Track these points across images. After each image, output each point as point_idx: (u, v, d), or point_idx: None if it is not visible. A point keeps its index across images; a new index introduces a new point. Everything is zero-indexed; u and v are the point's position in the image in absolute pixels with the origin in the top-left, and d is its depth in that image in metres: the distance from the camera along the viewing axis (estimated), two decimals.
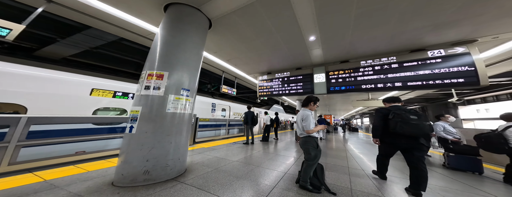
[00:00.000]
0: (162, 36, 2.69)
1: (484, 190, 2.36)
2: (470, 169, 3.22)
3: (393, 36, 3.63)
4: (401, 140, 2.20)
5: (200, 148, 4.49)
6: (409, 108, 2.35)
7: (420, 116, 2.18)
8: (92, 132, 3.42)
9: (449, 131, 3.74)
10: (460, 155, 3.36)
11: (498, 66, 4.84)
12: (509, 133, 2.68)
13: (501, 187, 2.49)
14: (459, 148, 3.45)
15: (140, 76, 2.49)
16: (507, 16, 2.86)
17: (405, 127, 2.12)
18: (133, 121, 2.18)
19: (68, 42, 5.77)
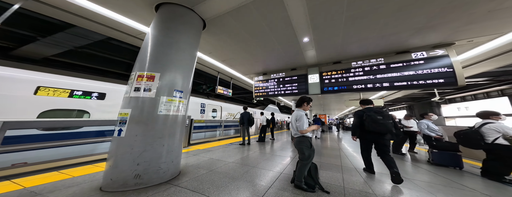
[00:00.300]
0: (153, 36, 2.63)
1: (463, 184, 2.52)
2: (451, 165, 3.43)
3: (381, 38, 3.80)
4: (373, 136, 2.71)
5: (195, 149, 4.41)
6: (377, 109, 2.79)
7: (384, 116, 2.67)
8: (36, 138, 2.85)
9: (432, 129, 3.97)
10: (442, 151, 3.57)
11: (474, 67, 5.22)
12: (485, 129, 2.89)
13: (479, 181, 2.68)
14: (441, 145, 3.67)
15: (130, 77, 2.41)
16: (478, 22, 3.10)
17: (374, 125, 2.63)
18: (122, 124, 2.11)
19: (49, 41, 5.46)
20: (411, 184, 2.40)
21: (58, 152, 3.04)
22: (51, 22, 4.62)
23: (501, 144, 2.72)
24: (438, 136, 3.81)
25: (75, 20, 3.39)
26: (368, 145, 2.85)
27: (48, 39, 5.36)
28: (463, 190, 2.29)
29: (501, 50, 4.02)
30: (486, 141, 2.86)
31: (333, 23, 3.29)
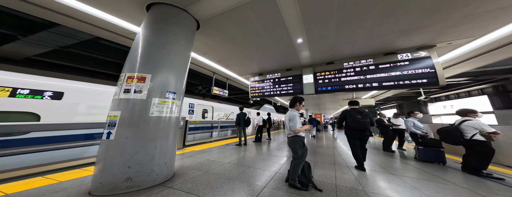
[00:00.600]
0: (144, 36, 2.58)
1: (445, 178, 2.67)
2: (435, 160, 3.62)
3: (369, 40, 3.96)
4: (355, 132, 3.12)
5: (191, 151, 4.36)
6: (359, 109, 3.19)
7: (363, 115, 3.12)
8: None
9: (418, 127, 4.17)
10: (427, 148, 3.76)
11: (454, 68, 5.55)
12: (464, 126, 3.08)
13: (460, 175, 2.85)
14: (426, 142, 3.86)
15: (119, 79, 2.35)
16: (455, 26, 3.32)
17: (354, 123, 3.07)
18: (110, 127, 2.07)
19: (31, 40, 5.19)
20: (399, 180, 2.52)
21: (36, 157, 2.87)
22: (32, 20, 4.40)
23: (478, 140, 2.91)
24: (423, 133, 4.02)
25: (58, 18, 3.24)
26: (355, 142, 3.12)
27: (29, 38, 5.09)
28: (445, 184, 2.43)
29: (478, 52, 4.31)
30: (465, 137, 3.04)
31: (325, 25, 3.39)
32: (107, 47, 5.89)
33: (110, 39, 4.14)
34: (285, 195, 1.93)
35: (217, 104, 9.16)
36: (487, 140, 2.88)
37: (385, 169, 3.11)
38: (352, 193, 2.02)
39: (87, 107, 4.06)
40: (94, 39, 5.31)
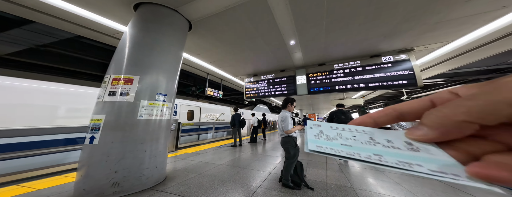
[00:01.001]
0: (132, 36, 2.50)
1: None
2: None
3: (356, 43, 4.16)
4: None
5: (184, 153, 4.28)
6: (344, 110, 3.63)
7: (346, 116, 3.70)
8: None
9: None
10: None
11: (431, 70, 6.01)
12: None
13: None
14: None
15: (103, 80, 2.26)
16: (430, 31, 3.61)
17: (336, 121, 3.59)
18: (94, 131, 1.99)
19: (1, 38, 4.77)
20: (384, 177, 2.67)
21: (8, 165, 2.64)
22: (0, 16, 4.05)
23: None
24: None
25: (32, 15, 3.01)
26: None
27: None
28: (424, 179, 2.62)
29: (450, 55, 4.71)
30: None
31: (316, 27, 3.50)
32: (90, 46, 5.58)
33: (93, 38, 3.93)
34: (278, 194, 1.97)
35: (206, 104, 8.56)
36: None
37: (373, 166, 3.28)
38: (342, 190, 2.11)
39: None
40: (75, 37, 5.01)
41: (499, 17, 3.12)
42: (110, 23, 3.28)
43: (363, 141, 0.20)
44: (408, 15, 3.09)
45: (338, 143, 0.21)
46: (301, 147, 3.20)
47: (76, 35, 3.87)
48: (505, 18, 3.11)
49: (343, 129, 0.23)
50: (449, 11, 2.97)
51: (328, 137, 0.22)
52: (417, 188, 2.24)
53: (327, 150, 0.20)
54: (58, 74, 6.82)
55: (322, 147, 0.20)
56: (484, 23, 3.32)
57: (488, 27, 3.41)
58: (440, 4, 2.81)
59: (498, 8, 2.88)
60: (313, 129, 0.24)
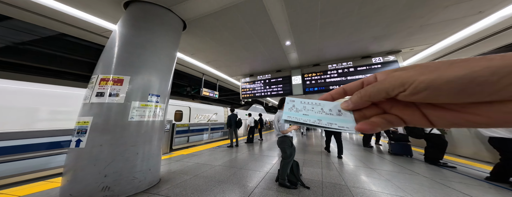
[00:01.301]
0: (122, 35, 2.41)
1: (412, 169, 3.03)
2: (404, 153, 4.07)
3: (349, 44, 4.30)
4: None
5: (179, 155, 4.18)
6: None
7: None
8: None
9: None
10: (397, 142, 4.21)
11: None
12: None
13: (423, 166, 3.25)
14: (396, 137, 4.32)
15: (90, 81, 2.17)
16: (415, 34, 3.82)
17: None
18: (80, 134, 1.90)
19: None
20: (376, 174, 2.77)
21: None
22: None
23: (435, 134, 3.37)
24: (394, 129, 4.48)
25: (8, 11, 2.80)
26: (329, 135, 4.46)
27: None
28: (412, 175, 2.75)
29: (434, 57, 5.00)
30: (425, 131, 3.49)
31: (310, 28, 3.58)
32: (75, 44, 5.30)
33: (79, 36, 3.73)
34: (275, 194, 1.98)
35: (197, 104, 8.12)
36: (441, 133, 3.34)
37: (364, 163, 3.40)
38: (336, 189, 2.16)
39: None
40: (58, 35, 4.73)
41: (476, 22, 3.36)
42: (97, 21, 3.14)
43: (316, 111, 0.29)
44: (395, 18, 3.25)
45: (301, 113, 0.29)
46: (298, 146, 3.25)
47: (60, 33, 3.66)
48: (481, 22, 3.35)
49: (307, 103, 0.31)
50: (431, 16, 3.16)
51: (297, 109, 0.30)
52: (406, 184, 2.35)
53: (294, 119, 0.28)
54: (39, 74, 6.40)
55: (291, 117, 0.29)
56: (463, 27, 3.56)
57: (467, 31, 3.65)
58: (423, 9, 2.98)
59: (475, 13, 3.10)
60: (289, 104, 0.31)
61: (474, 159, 3.73)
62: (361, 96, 0.24)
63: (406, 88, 0.20)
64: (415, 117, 0.23)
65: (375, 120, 0.24)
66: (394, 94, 0.21)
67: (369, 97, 0.23)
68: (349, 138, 7.77)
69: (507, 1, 2.77)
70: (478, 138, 3.69)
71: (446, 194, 2.02)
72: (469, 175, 2.72)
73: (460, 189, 2.17)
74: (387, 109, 0.25)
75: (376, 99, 0.23)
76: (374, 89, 0.23)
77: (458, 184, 2.33)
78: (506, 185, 2.26)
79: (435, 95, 0.18)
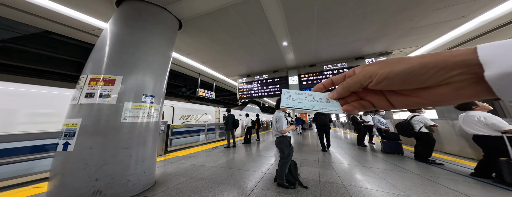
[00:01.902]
0: (114, 34, 2.32)
1: (404, 167, 3.12)
2: (396, 151, 4.20)
3: (343, 45, 4.41)
4: (320, 126, 4.76)
5: (174, 157, 4.06)
6: None
7: (324, 115, 4.85)
8: None
9: (382, 122, 4.79)
10: (389, 141, 4.34)
11: None
12: (414, 121, 3.66)
13: (413, 163, 3.37)
14: (388, 135, 4.46)
15: (78, 81, 2.08)
16: (404, 37, 4.01)
17: (318, 120, 4.85)
18: (68, 137, 1.82)
19: None
20: (371, 172, 2.83)
21: None
22: None
23: (423, 132, 3.51)
24: (386, 128, 4.63)
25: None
26: (321, 132, 4.77)
27: None
28: (404, 172, 2.84)
29: None
30: (414, 130, 3.62)
31: (307, 29, 3.64)
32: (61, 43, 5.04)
33: (66, 34, 3.56)
34: (273, 194, 1.97)
35: (183, 103, 7.46)
36: (429, 132, 3.49)
37: (359, 162, 3.47)
38: (333, 188, 2.19)
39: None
40: (42, 33, 4.49)
41: (460, 25, 3.56)
42: (87, 19, 3.01)
43: (309, 100, 0.35)
44: (387, 21, 3.37)
45: (297, 102, 0.35)
46: (294, 146, 3.28)
47: (45, 30, 3.47)
48: (464, 26, 3.56)
49: (301, 94, 0.37)
50: (420, 19, 3.31)
51: (293, 99, 0.36)
52: (399, 181, 2.42)
53: (291, 106, 0.35)
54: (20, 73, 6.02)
55: (289, 105, 0.36)
56: (448, 30, 3.76)
57: (451, 34, 3.87)
58: (412, 12, 3.11)
59: (459, 17, 3.29)
60: (285, 94, 0.37)
61: (460, 156, 3.92)
62: (344, 87, 0.31)
63: (372, 80, 0.27)
64: (381, 102, 0.30)
65: (354, 104, 0.32)
66: (366, 85, 0.28)
67: (349, 88, 0.30)
68: (344, 138, 7.94)
69: (487, 7, 2.96)
70: (462, 136, 3.88)
71: (435, 190, 2.10)
72: (456, 171, 2.85)
73: (448, 185, 2.27)
74: (362, 96, 0.32)
75: (354, 88, 0.30)
76: (352, 81, 0.29)
77: (446, 181, 2.43)
78: (489, 181, 2.39)
79: (390, 84, 0.25)
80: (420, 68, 0.22)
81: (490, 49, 0.19)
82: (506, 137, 2.37)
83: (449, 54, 0.21)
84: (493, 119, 2.41)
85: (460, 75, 0.20)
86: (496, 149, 2.41)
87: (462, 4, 2.90)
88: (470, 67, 0.20)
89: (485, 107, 2.60)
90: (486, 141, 2.50)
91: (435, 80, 0.22)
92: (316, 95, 0.35)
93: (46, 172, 2.73)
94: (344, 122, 14.59)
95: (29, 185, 2.31)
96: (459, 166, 3.18)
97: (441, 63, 0.21)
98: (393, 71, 0.24)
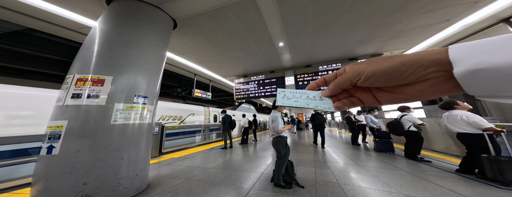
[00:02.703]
0: (104, 33, 2.24)
1: (395, 165, 3.23)
2: (387, 150, 4.34)
3: (337, 47, 4.51)
4: (316, 125, 5.31)
5: (169, 158, 3.97)
6: (319, 112, 4.95)
7: (321, 115, 5.33)
8: None
9: (374, 122, 4.93)
10: (381, 139, 4.47)
11: None
12: (403, 120, 3.80)
13: (404, 161, 3.49)
14: (380, 134, 4.59)
15: (64, 81, 1.99)
16: (395, 39, 4.17)
17: (315, 120, 5.35)
18: (53, 140, 1.74)
19: None
20: (364, 171, 2.90)
21: None
22: None
23: (412, 131, 3.65)
24: (378, 127, 4.76)
25: None
26: (316, 131, 5.31)
27: None
28: (395, 170, 2.93)
29: None
30: (404, 128, 3.76)
31: (303, 30, 3.69)
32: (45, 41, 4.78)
33: (51, 32, 3.39)
34: (270, 195, 1.96)
35: (166, 102, 6.98)
36: (418, 130, 3.63)
37: (353, 161, 3.55)
38: (329, 187, 2.22)
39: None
40: (24, 30, 4.23)
41: (444, 29, 3.75)
42: (74, 16, 2.88)
43: (303, 98, 0.37)
44: (378, 23, 3.49)
45: (292, 100, 0.37)
46: (290, 146, 3.30)
47: (27, 28, 3.28)
48: (448, 29, 3.75)
49: (296, 93, 0.39)
50: (408, 21, 3.45)
51: (288, 97, 0.38)
52: (391, 179, 2.49)
53: (287, 104, 0.37)
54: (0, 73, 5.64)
55: (285, 103, 0.37)
56: (434, 33, 3.95)
57: (436, 37, 4.06)
58: (402, 15, 3.24)
59: (443, 21, 3.47)
60: (281, 93, 0.39)
61: (446, 153, 4.11)
62: (335, 85, 0.33)
63: (361, 77, 0.28)
64: (369, 98, 0.32)
65: (345, 101, 0.33)
66: (355, 82, 0.30)
67: (340, 86, 0.32)
68: (339, 137, 8.09)
69: (468, 11, 3.14)
70: (448, 134, 4.08)
71: (424, 187, 2.18)
72: (442, 168, 2.98)
73: (436, 181, 2.36)
74: (352, 93, 0.34)
75: (345, 86, 0.32)
76: (342, 79, 0.31)
77: (434, 177, 2.53)
78: (472, 176, 2.52)
79: (376, 81, 0.27)
80: (402, 66, 0.24)
81: (459, 49, 0.21)
82: (487, 135, 2.51)
83: (426, 54, 0.23)
84: (474, 117, 2.55)
85: (435, 72, 0.23)
86: (478, 146, 2.54)
87: (446, 9, 3.06)
88: (443, 65, 0.22)
89: (465, 106, 2.74)
90: (469, 139, 2.62)
91: (415, 76, 0.24)
92: (310, 94, 0.37)
93: (29, 177, 2.56)
94: (339, 122, 14.88)
95: (10, 191, 2.16)
96: (445, 162, 3.33)
97: (419, 61, 0.23)
98: (379, 69, 0.26)
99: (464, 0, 2.85)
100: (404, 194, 1.97)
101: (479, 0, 2.85)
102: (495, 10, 3.01)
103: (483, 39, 0.20)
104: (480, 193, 1.95)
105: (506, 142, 2.57)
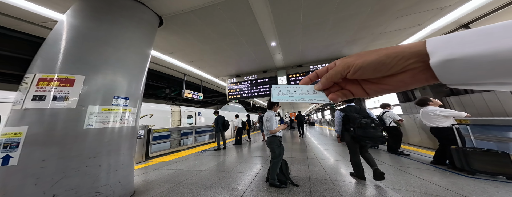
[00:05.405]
0: (74, 27, 2.01)
1: (380, 159, 3.41)
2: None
3: (326, 47, 4.67)
4: (299, 121, 7.21)
5: (157, 163, 3.71)
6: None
7: (302, 116, 7.20)
8: None
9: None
10: None
11: None
12: (385, 116, 4.07)
13: (387, 156, 3.71)
14: None
15: (22, 81, 1.75)
16: (377, 40, 4.46)
17: (298, 119, 7.69)
18: (10, 149, 1.51)
19: None
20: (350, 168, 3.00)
21: None
22: None
23: (393, 126, 3.92)
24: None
25: None
26: (298, 125, 5.71)
27: None
28: (379, 164, 3.04)
29: None
30: (386, 124, 4.02)
31: (294, 30, 3.73)
32: (3, 36, 4.12)
33: (8, 26, 2.94)
34: (266, 195, 1.92)
35: None
36: (397, 126, 3.91)
37: (343, 157, 3.67)
38: (322, 184, 2.24)
39: None
40: None
41: (416, 33, 4.12)
42: (36, 8, 2.53)
43: (298, 93, 0.38)
44: (362, 25, 3.69)
45: (287, 96, 0.38)
46: (285, 145, 3.30)
47: None
48: (419, 33, 4.12)
49: (290, 88, 0.39)
50: (387, 25, 3.72)
51: (283, 93, 0.38)
52: None
53: (282, 100, 0.38)
54: None
55: (280, 99, 0.38)
56: (407, 37, 4.31)
57: (410, 40, 4.44)
58: (381, 18, 3.47)
59: (416, 25, 3.80)
60: (275, 90, 0.39)
61: (421, 146, 4.49)
62: (327, 78, 0.34)
63: (350, 70, 0.30)
64: (358, 90, 0.34)
65: (337, 93, 0.35)
66: (345, 75, 0.32)
67: (332, 79, 0.34)
68: (329, 134, 8.37)
69: (436, 16, 3.48)
70: (422, 128, 4.47)
71: (406, 179, 2.33)
72: (419, 160, 3.23)
73: (415, 173, 2.53)
74: (343, 86, 0.36)
75: (336, 79, 0.33)
76: (333, 73, 0.33)
77: (413, 169, 2.72)
78: (444, 167, 2.76)
79: (363, 73, 0.30)
80: (386, 58, 0.27)
81: (434, 41, 0.23)
82: (455, 128, 2.79)
83: (407, 46, 0.26)
84: (446, 111, 2.83)
85: (415, 63, 0.25)
86: (447, 139, 2.81)
87: (418, 14, 3.36)
88: (421, 56, 0.24)
89: (437, 102, 3.03)
90: (440, 132, 2.89)
91: (397, 68, 0.26)
92: (304, 88, 0.38)
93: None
94: (329, 120, 15.54)
95: None
96: (421, 155, 3.61)
97: (400, 53, 0.26)
98: (366, 61, 0.28)
99: (432, 6, 3.15)
100: (390, 187, 2.07)
101: (445, 7, 3.17)
102: (457, 16, 3.39)
103: (455, 33, 0.22)
104: (452, 183, 2.12)
105: (471, 134, 2.88)
